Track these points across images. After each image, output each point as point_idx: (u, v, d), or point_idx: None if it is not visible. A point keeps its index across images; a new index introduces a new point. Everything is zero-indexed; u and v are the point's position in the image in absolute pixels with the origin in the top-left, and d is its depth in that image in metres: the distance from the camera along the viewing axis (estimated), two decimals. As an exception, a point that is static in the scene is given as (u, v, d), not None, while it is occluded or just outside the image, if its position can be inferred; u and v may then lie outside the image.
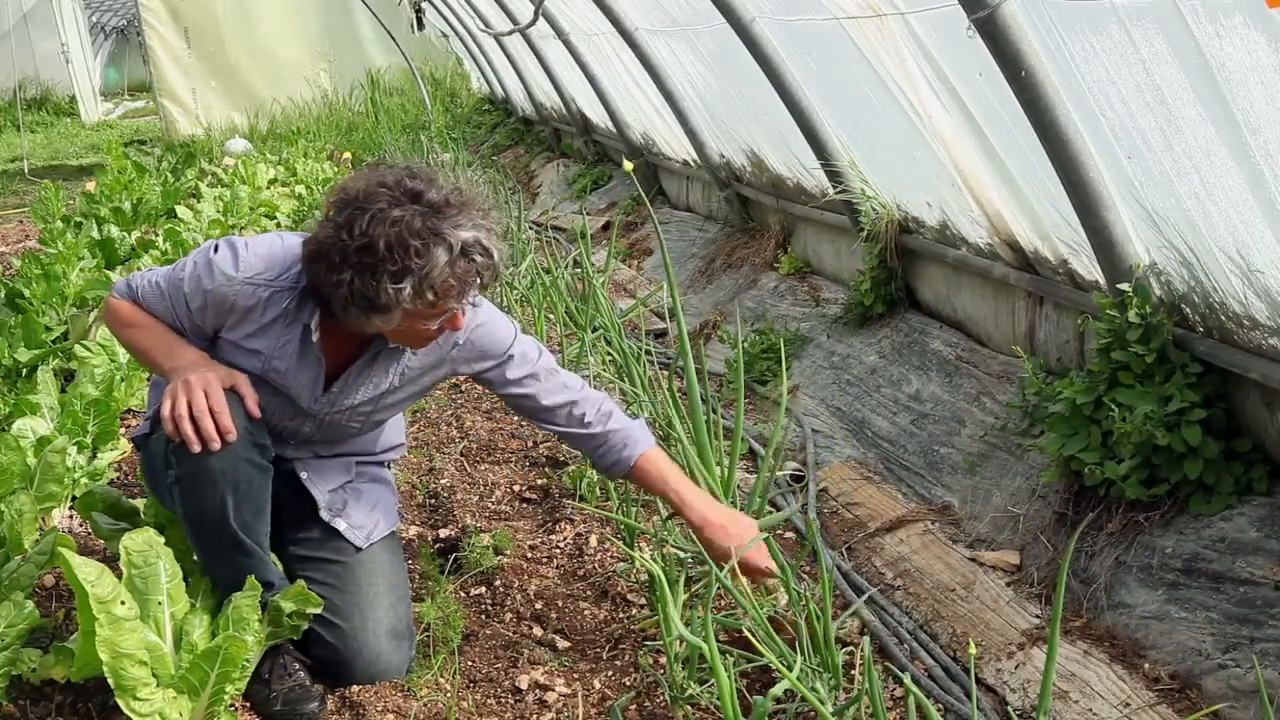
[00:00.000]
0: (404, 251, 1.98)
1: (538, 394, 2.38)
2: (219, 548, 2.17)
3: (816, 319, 4.32)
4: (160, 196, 7.56)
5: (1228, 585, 2.19)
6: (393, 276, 1.98)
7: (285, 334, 2.21)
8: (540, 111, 10.29)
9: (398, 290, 1.99)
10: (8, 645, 2.15)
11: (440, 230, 2.00)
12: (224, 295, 2.17)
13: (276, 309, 2.19)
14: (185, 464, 2.10)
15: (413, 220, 1.99)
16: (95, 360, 3.93)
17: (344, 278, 2.01)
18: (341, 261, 2.01)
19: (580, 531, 2.99)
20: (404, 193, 2.03)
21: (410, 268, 1.98)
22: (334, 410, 2.33)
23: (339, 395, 2.31)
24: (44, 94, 20.72)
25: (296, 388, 2.26)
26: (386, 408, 2.40)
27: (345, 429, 2.39)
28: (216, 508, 2.11)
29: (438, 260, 1.99)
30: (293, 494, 2.40)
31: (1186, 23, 2.04)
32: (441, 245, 2.00)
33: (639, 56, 5.82)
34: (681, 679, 2.19)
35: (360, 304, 2.03)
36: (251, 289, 2.17)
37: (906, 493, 3.10)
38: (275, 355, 2.22)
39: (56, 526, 2.94)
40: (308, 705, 2.21)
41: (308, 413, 2.31)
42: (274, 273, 2.18)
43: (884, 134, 3.77)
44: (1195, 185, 2.27)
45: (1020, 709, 2.15)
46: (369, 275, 1.99)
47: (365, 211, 2.01)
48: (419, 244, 1.98)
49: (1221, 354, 2.39)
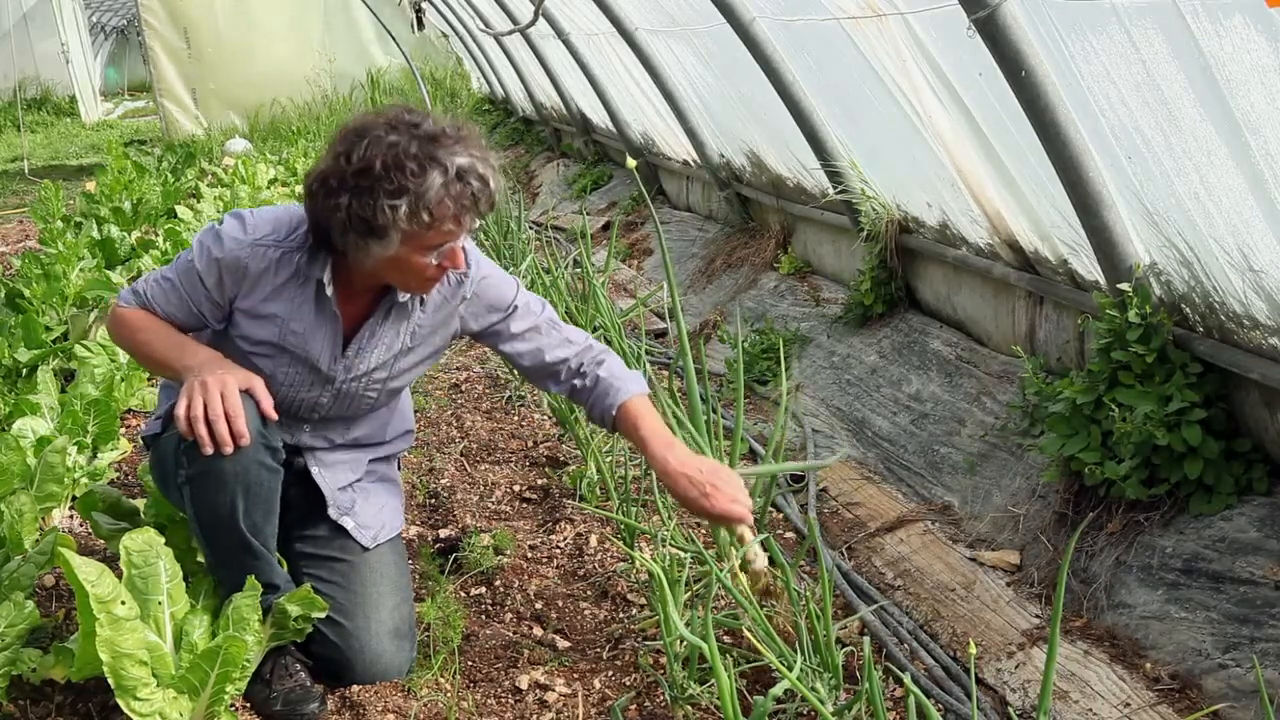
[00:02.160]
0: (399, 171, 2.02)
1: (542, 348, 2.39)
2: (227, 549, 2.17)
3: (816, 319, 4.32)
4: (160, 196, 7.56)
5: (1228, 585, 2.19)
6: (389, 194, 2.02)
7: (299, 293, 2.22)
8: (540, 111, 10.29)
9: (393, 209, 2.02)
10: (8, 645, 2.15)
11: (436, 155, 2.04)
12: (236, 259, 2.17)
13: (288, 269, 2.20)
14: (196, 464, 2.10)
15: (409, 144, 2.04)
16: (95, 360, 3.93)
17: (342, 201, 2.04)
18: (339, 185, 2.05)
19: (580, 531, 2.99)
20: (401, 123, 2.08)
21: (406, 187, 2.02)
22: (351, 376, 2.32)
23: (356, 357, 2.30)
24: (44, 94, 20.72)
25: (315, 349, 2.25)
26: (401, 373, 2.39)
27: (362, 400, 2.37)
28: (226, 509, 2.11)
29: (433, 181, 2.03)
30: (301, 492, 2.39)
31: (1186, 23, 2.04)
32: (437, 168, 2.03)
33: (639, 56, 5.82)
34: (681, 679, 2.19)
35: (358, 227, 2.06)
36: (262, 250, 2.18)
37: (906, 493, 3.10)
38: (292, 317, 2.22)
39: (57, 526, 2.94)
40: (308, 705, 2.21)
41: (327, 378, 2.29)
42: (282, 234, 2.20)
43: (884, 134, 3.77)
44: (1195, 185, 2.27)
45: (1020, 709, 2.15)
46: (366, 196, 2.03)
47: (363, 138, 2.05)
48: (414, 165, 2.02)
49: (1221, 354, 2.39)
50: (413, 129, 2.06)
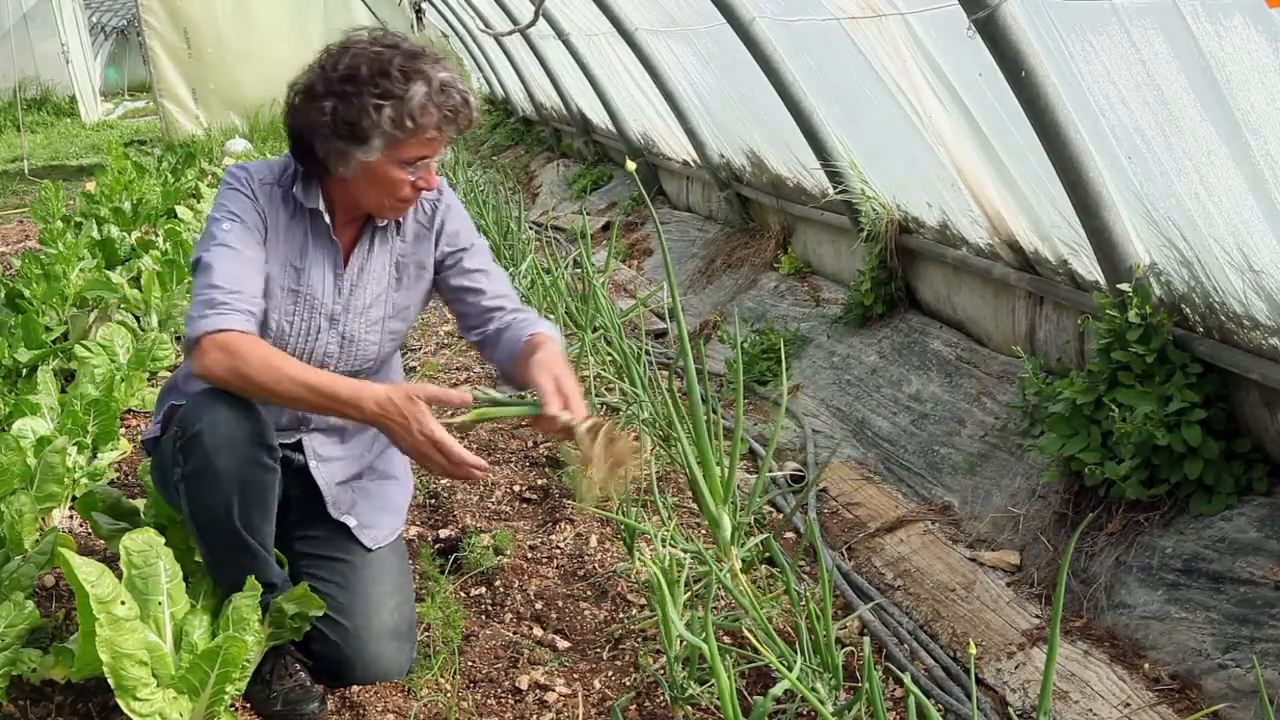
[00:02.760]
0: (385, 77, 2.08)
1: (486, 288, 2.44)
2: (223, 548, 2.17)
3: (816, 319, 4.32)
4: (160, 196, 7.56)
5: (1228, 585, 2.19)
6: (374, 97, 2.08)
7: (298, 227, 2.27)
8: (540, 111, 10.29)
9: (378, 109, 2.07)
10: (8, 645, 2.15)
11: (420, 67, 2.11)
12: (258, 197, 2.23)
13: (289, 206, 2.26)
14: (192, 462, 2.10)
15: (393, 56, 2.11)
16: (95, 360, 3.93)
17: (327, 105, 2.09)
18: (325, 91, 2.10)
19: (580, 531, 2.99)
20: (384, 39, 2.15)
21: (392, 91, 2.08)
22: (352, 314, 2.34)
23: (352, 292, 2.33)
24: (44, 94, 20.71)
25: (317, 282, 2.29)
26: (397, 311, 2.41)
27: (366, 345, 2.38)
28: (222, 508, 2.11)
29: (417, 90, 2.09)
30: (302, 492, 2.39)
31: (1186, 23, 2.04)
32: (421, 78, 2.10)
33: (639, 57, 5.82)
34: (681, 679, 2.19)
35: (341, 131, 2.10)
36: (267, 189, 2.25)
37: (906, 493, 3.10)
38: (297, 252, 2.27)
39: (57, 526, 2.94)
40: (308, 705, 2.21)
41: (331, 316, 2.31)
42: (277, 172, 2.27)
43: (884, 134, 3.77)
44: (1195, 185, 2.27)
45: (1020, 709, 2.15)
46: (352, 99, 2.08)
47: (348, 50, 2.13)
48: (399, 73, 2.09)
49: (1222, 354, 2.39)
50: (396, 46, 2.14)
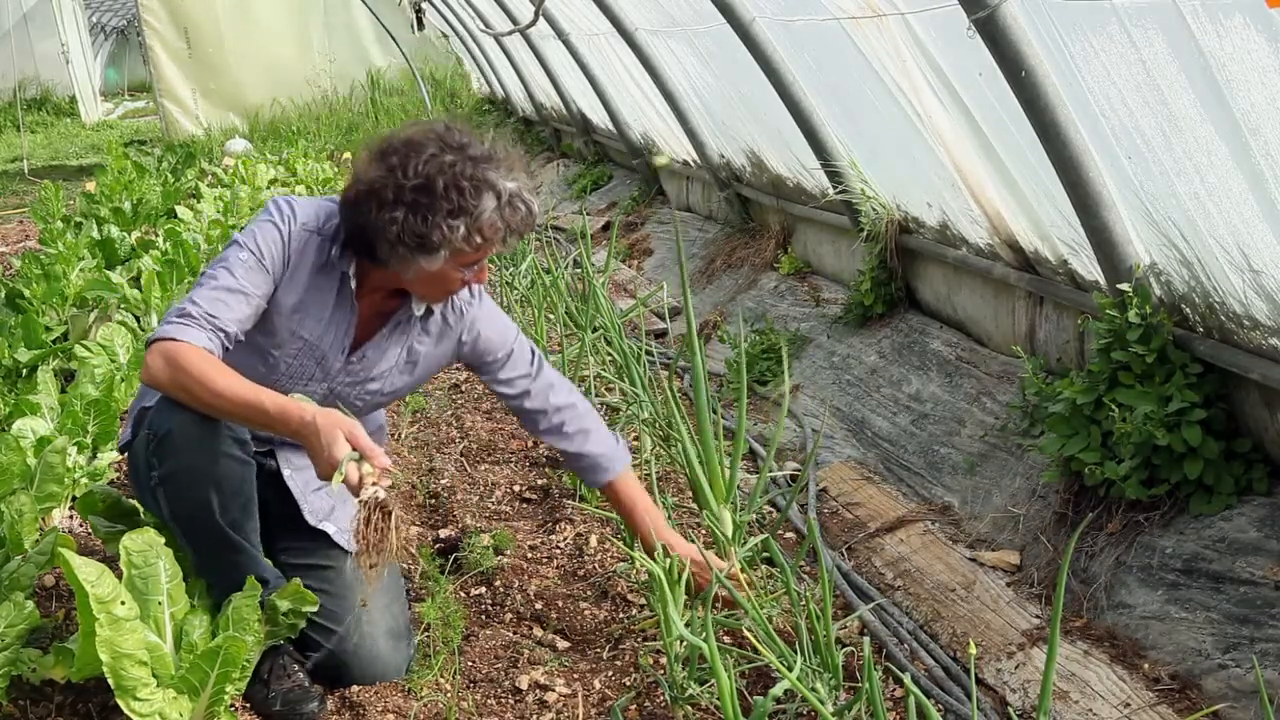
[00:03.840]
0: (459, 193, 2.07)
1: (528, 392, 2.47)
2: (209, 547, 2.17)
3: (817, 319, 4.32)
4: (160, 197, 7.56)
5: (1228, 585, 2.19)
6: (448, 214, 2.07)
7: (325, 282, 2.23)
8: (540, 112, 10.29)
9: (452, 230, 2.07)
10: (8, 645, 2.14)
11: (489, 178, 2.10)
12: (291, 238, 2.20)
13: (321, 257, 2.22)
14: (167, 464, 2.11)
15: (465, 166, 2.09)
16: (95, 360, 3.93)
17: (397, 215, 2.07)
18: (396, 199, 2.08)
19: (580, 531, 2.99)
20: (452, 142, 2.12)
21: (465, 208, 2.07)
22: (350, 379, 2.33)
23: (360, 362, 2.32)
24: (44, 94, 20.71)
25: (328, 340, 2.27)
26: (393, 389, 2.42)
27: (349, 405, 2.36)
28: (202, 506, 2.11)
29: (488, 204, 2.09)
30: (279, 501, 2.38)
31: (1186, 23, 2.04)
32: (490, 191, 2.10)
33: (639, 57, 5.82)
34: (682, 679, 2.19)
35: (410, 242, 2.09)
36: (305, 235, 2.22)
37: (906, 493, 3.10)
38: (316, 304, 2.24)
39: (56, 526, 2.93)
40: (307, 705, 2.21)
41: (328, 373, 2.30)
42: (321, 221, 2.23)
43: (884, 134, 3.77)
44: (1195, 185, 2.27)
45: (1020, 709, 2.15)
46: (424, 213, 2.07)
47: (419, 154, 2.09)
48: (471, 187, 2.08)
49: (1222, 354, 2.39)
50: (463, 149, 2.11)
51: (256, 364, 2.23)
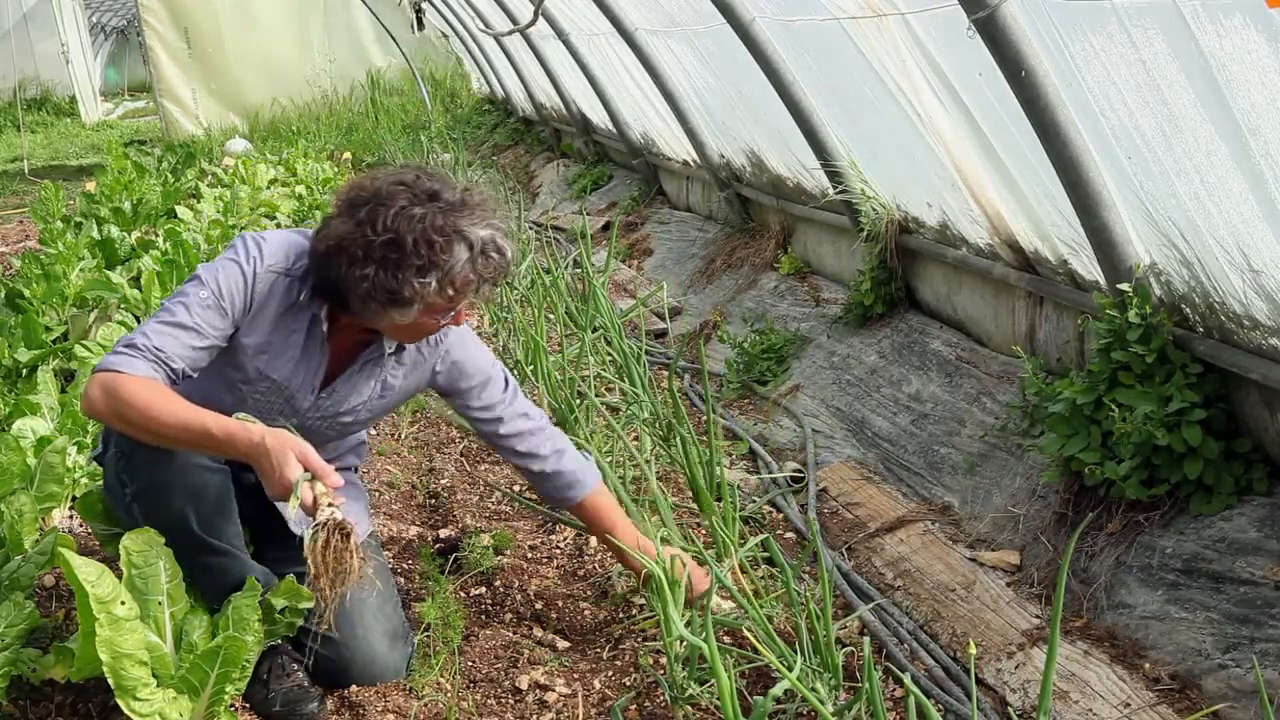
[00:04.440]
0: (429, 247, 2.03)
1: (501, 418, 2.43)
2: (190, 554, 2.15)
3: (817, 319, 4.32)
4: (160, 196, 7.56)
5: (1228, 585, 2.19)
6: (418, 271, 2.03)
7: (294, 323, 2.20)
8: (540, 111, 10.29)
9: (423, 285, 2.04)
10: (8, 645, 2.14)
11: (460, 228, 2.06)
12: (256, 280, 2.15)
13: (289, 298, 2.18)
14: (138, 480, 2.10)
15: (435, 217, 2.04)
16: (95, 360, 3.93)
17: (367, 272, 2.04)
18: (365, 256, 2.04)
19: (580, 531, 2.99)
20: (422, 191, 2.08)
21: (436, 262, 2.03)
22: (320, 415, 2.31)
23: (329, 399, 2.30)
24: (44, 94, 20.71)
25: (296, 381, 2.24)
26: (365, 420, 2.41)
27: (321, 435, 2.35)
28: (178, 518, 2.10)
29: (459, 256, 2.05)
30: (258, 509, 2.36)
31: (1186, 23, 2.04)
32: (463, 242, 2.06)
33: (639, 57, 5.82)
34: (682, 679, 2.19)
35: (382, 298, 2.06)
36: (272, 277, 2.17)
37: (906, 493, 3.10)
38: (283, 346, 2.20)
39: (56, 526, 2.94)
40: (307, 705, 2.21)
41: (295, 410, 2.28)
42: (291, 261, 2.19)
43: (884, 134, 3.77)
44: (1195, 185, 2.27)
45: (1020, 709, 2.15)
46: (394, 269, 2.03)
47: (388, 208, 2.04)
48: (442, 240, 2.04)
49: (1222, 354, 2.39)
50: (433, 199, 2.07)
51: (224, 395, 2.21)
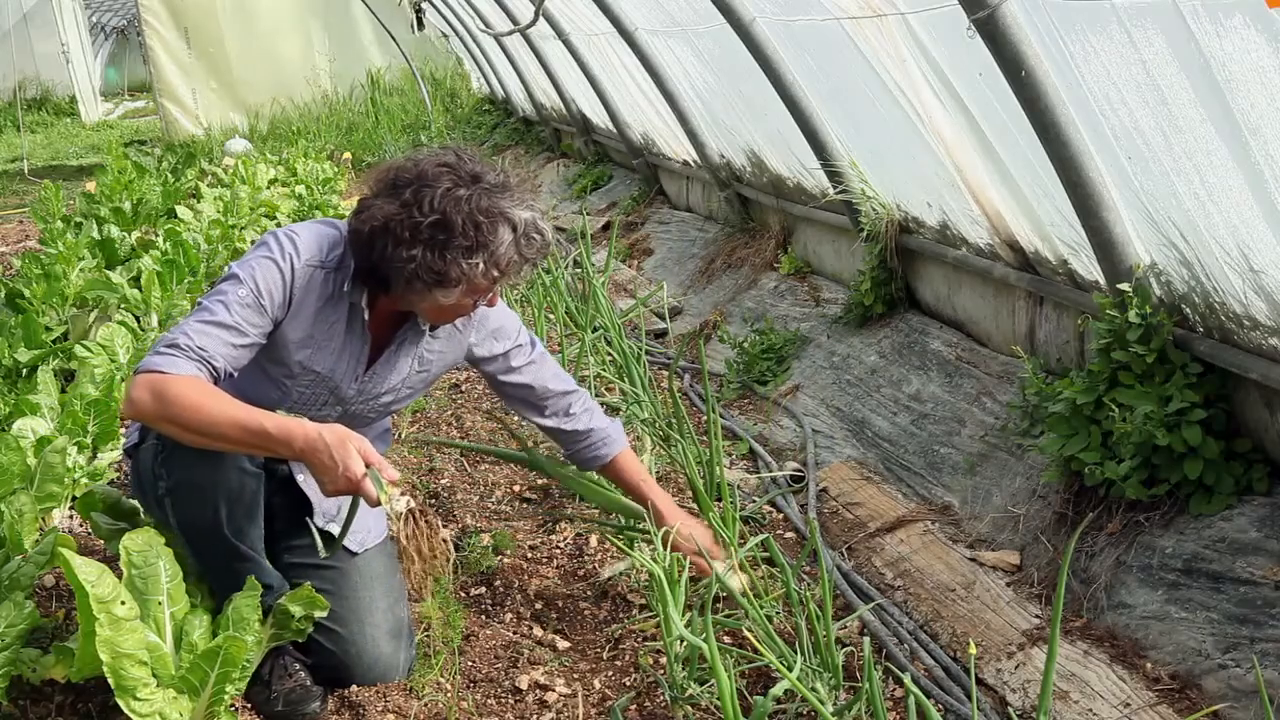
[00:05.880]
0: (476, 229, 2.05)
1: (535, 383, 2.50)
2: (215, 555, 2.17)
3: (817, 319, 4.32)
4: (160, 196, 7.56)
5: (1228, 585, 2.19)
6: (465, 251, 2.06)
7: (334, 314, 2.21)
8: (540, 111, 10.29)
9: (471, 266, 2.07)
10: (8, 645, 2.15)
11: (504, 210, 2.09)
12: (295, 277, 2.14)
13: (328, 290, 2.18)
14: (176, 475, 2.10)
15: (480, 199, 2.07)
16: (95, 360, 3.93)
17: (414, 253, 2.05)
18: (413, 237, 2.05)
19: (580, 532, 2.99)
20: (466, 173, 2.10)
21: (483, 243, 2.06)
22: (363, 399, 2.33)
23: (371, 382, 2.31)
24: (44, 94, 20.72)
25: (341, 370, 2.26)
26: (405, 397, 2.43)
27: (364, 420, 2.40)
28: (210, 518, 2.11)
29: (504, 238, 2.08)
30: (286, 500, 2.38)
31: (1186, 23, 2.04)
32: (507, 224, 2.08)
33: (639, 57, 5.82)
34: (682, 679, 2.19)
35: (429, 279, 2.08)
36: (310, 271, 2.17)
37: (907, 493, 3.10)
38: (326, 338, 2.21)
39: (57, 526, 2.94)
40: (308, 705, 2.21)
41: (340, 398, 2.30)
42: (325, 254, 2.19)
43: (884, 134, 3.77)
44: (1195, 185, 2.27)
45: (1020, 709, 2.15)
46: (442, 250, 2.05)
47: (434, 189, 2.06)
48: (488, 222, 2.06)
49: (1222, 354, 2.39)
50: (476, 180, 2.09)
51: (269, 390, 2.23)
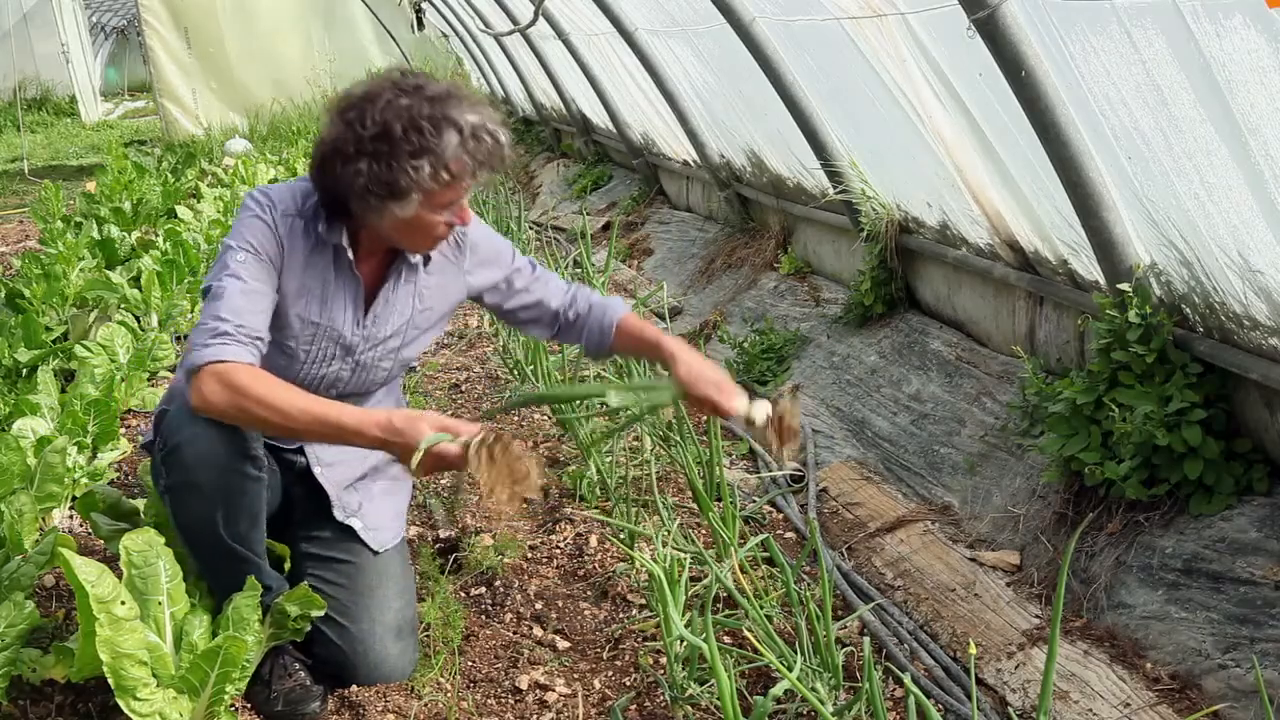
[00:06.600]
0: (418, 133, 2.04)
1: (543, 298, 2.47)
2: (213, 557, 2.17)
3: (817, 319, 4.32)
4: (160, 196, 7.56)
5: (1228, 585, 2.19)
6: (410, 155, 2.05)
7: (321, 260, 2.22)
8: (540, 111, 10.29)
9: (416, 169, 2.05)
10: (8, 645, 2.15)
11: (448, 113, 2.08)
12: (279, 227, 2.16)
13: (311, 238, 2.20)
14: (174, 475, 2.10)
15: (421, 106, 2.07)
16: (95, 360, 3.93)
17: (361, 166, 2.05)
18: (357, 151, 2.06)
19: (580, 532, 2.99)
20: (407, 85, 2.10)
21: (426, 147, 2.05)
22: (370, 344, 2.32)
23: (374, 324, 2.31)
24: (44, 94, 20.71)
25: (339, 316, 2.25)
26: (413, 339, 2.40)
27: (377, 371, 2.37)
28: (207, 520, 2.11)
29: (450, 140, 2.06)
30: (305, 491, 2.39)
31: (1186, 23, 2.04)
32: (451, 127, 2.07)
33: (639, 57, 5.82)
34: (682, 679, 2.19)
35: (379, 190, 2.07)
36: (289, 220, 2.18)
37: (907, 493, 3.10)
38: (319, 285, 2.22)
39: (57, 526, 2.94)
40: (309, 705, 2.21)
41: (349, 347, 2.29)
42: (300, 203, 2.20)
43: (884, 134, 3.77)
44: (1195, 185, 2.27)
45: (1020, 709, 2.15)
46: (387, 159, 2.05)
47: (374, 103, 2.07)
48: (430, 126, 2.05)
49: (1222, 354, 2.39)
50: (420, 89, 2.09)
51: (276, 358, 2.21)
